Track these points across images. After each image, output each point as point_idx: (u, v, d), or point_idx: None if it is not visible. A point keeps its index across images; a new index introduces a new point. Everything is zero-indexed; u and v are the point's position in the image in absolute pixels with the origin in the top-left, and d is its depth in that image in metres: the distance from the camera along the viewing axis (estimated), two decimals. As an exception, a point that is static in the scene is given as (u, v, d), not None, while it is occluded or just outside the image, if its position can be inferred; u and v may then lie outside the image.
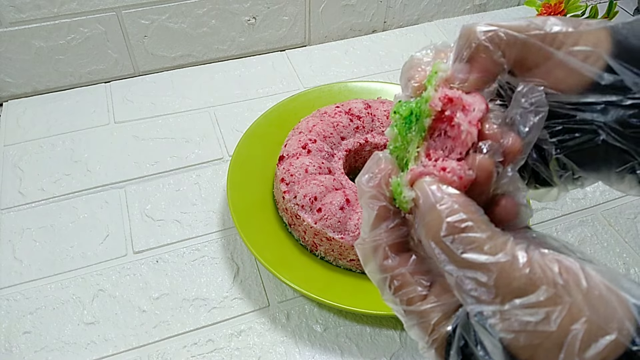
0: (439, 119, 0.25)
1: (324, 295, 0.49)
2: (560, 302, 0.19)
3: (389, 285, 0.24)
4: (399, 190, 0.24)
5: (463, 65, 0.25)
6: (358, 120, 0.61)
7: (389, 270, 0.24)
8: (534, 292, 0.19)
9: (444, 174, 0.23)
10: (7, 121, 0.72)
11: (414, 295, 0.24)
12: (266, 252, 0.52)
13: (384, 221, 0.25)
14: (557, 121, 0.25)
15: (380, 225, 0.25)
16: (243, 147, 0.62)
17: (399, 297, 0.24)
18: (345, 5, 0.86)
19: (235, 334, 0.51)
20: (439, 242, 0.21)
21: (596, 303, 0.19)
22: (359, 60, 0.84)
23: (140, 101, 0.75)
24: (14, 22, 0.69)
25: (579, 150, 0.26)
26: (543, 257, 0.20)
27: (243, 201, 0.57)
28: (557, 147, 0.26)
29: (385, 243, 0.24)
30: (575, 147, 0.26)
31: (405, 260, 0.24)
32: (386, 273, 0.24)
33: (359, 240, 0.26)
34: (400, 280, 0.24)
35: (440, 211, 0.22)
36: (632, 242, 0.60)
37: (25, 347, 0.49)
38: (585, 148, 0.25)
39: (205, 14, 0.78)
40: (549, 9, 0.75)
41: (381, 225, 0.25)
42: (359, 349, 0.50)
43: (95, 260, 0.56)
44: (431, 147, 0.25)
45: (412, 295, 0.24)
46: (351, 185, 0.56)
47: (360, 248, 0.25)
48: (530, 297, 0.19)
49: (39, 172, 0.65)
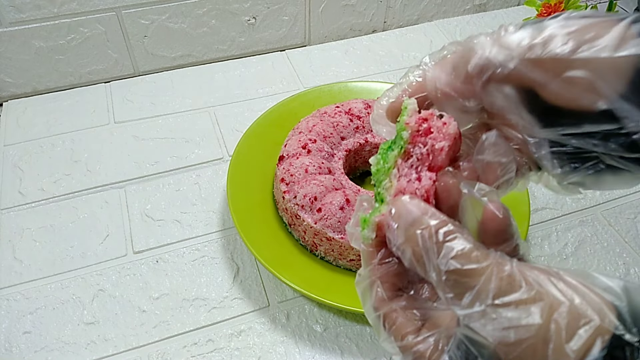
0: (415, 137, 0.26)
1: (324, 295, 0.49)
2: (541, 298, 0.20)
3: (383, 324, 0.25)
4: (364, 226, 0.25)
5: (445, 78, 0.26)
6: (358, 120, 0.61)
7: (382, 308, 0.25)
8: (516, 291, 0.20)
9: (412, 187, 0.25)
10: (7, 121, 0.72)
11: (407, 331, 0.24)
12: (266, 252, 0.52)
13: (372, 258, 0.26)
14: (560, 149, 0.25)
15: (371, 261, 0.26)
16: (243, 147, 0.62)
17: (392, 334, 0.25)
18: (345, 5, 0.86)
19: (235, 334, 0.51)
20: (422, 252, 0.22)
21: (575, 296, 0.20)
22: (359, 60, 0.84)
23: (140, 101, 0.75)
24: (14, 22, 0.69)
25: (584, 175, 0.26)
26: (521, 264, 0.21)
27: (243, 201, 0.57)
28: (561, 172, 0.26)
29: (377, 278, 0.25)
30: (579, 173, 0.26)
31: (398, 297, 0.25)
32: (379, 311, 0.25)
33: (357, 278, 0.27)
34: (393, 317, 0.25)
35: (422, 223, 0.22)
36: (632, 242, 0.60)
37: (25, 347, 0.49)
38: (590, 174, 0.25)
39: (205, 14, 0.78)
40: (549, 9, 0.75)
41: (371, 261, 0.26)
42: (359, 349, 0.50)
43: (95, 260, 0.56)
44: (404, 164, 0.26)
45: (406, 331, 0.24)
46: (351, 185, 0.56)
47: (359, 287, 0.27)
48: (513, 295, 0.20)
49: (39, 172, 0.65)
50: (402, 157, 0.26)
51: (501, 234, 0.23)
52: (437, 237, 0.22)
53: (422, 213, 0.23)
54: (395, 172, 0.26)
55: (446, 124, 0.25)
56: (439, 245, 0.22)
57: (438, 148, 0.25)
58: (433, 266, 0.22)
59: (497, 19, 0.93)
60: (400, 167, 0.26)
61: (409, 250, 0.23)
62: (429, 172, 0.26)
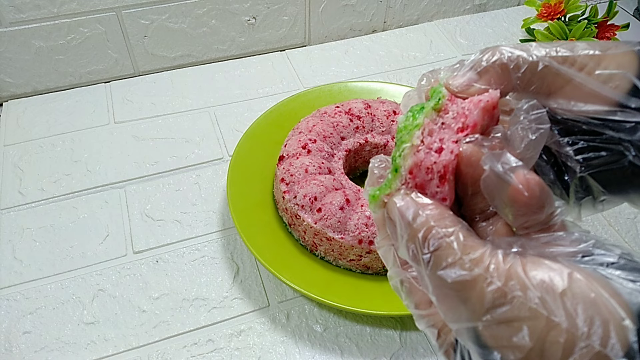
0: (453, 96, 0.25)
1: (324, 295, 0.49)
2: (535, 316, 0.18)
3: (402, 289, 0.25)
4: (372, 201, 0.24)
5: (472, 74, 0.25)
6: (358, 120, 0.61)
7: (400, 274, 0.25)
8: (506, 305, 0.18)
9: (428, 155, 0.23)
10: (7, 121, 0.72)
11: (421, 301, 0.24)
12: (266, 252, 0.52)
13: (384, 227, 0.25)
14: (583, 137, 0.24)
15: (383, 230, 0.25)
16: (243, 147, 0.62)
17: (408, 301, 0.24)
18: (345, 5, 0.86)
19: (235, 334, 0.51)
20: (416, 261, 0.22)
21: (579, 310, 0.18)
22: (359, 60, 0.84)
23: (140, 101, 0.75)
24: (14, 22, 0.69)
25: (605, 170, 0.25)
26: (523, 267, 0.19)
27: (243, 201, 0.57)
28: (582, 164, 0.25)
29: (391, 245, 0.25)
30: (600, 167, 0.25)
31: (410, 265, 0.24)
32: (399, 276, 0.25)
33: (376, 241, 0.26)
34: (409, 284, 0.24)
35: (415, 230, 0.21)
36: (632, 242, 0.60)
37: (25, 347, 0.49)
38: (612, 169, 0.24)
39: (205, 14, 0.78)
40: (548, 9, 0.75)
41: (383, 230, 0.25)
42: (359, 349, 0.50)
43: (95, 260, 0.56)
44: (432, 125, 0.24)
45: (419, 301, 0.24)
46: (351, 185, 0.56)
47: (380, 251, 0.26)
48: (503, 309, 0.18)
49: (39, 172, 0.65)
50: (432, 117, 0.24)
51: (531, 207, 0.21)
52: (427, 246, 0.21)
53: (411, 219, 0.22)
54: (418, 134, 0.24)
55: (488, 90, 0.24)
56: (427, 256, 0.21)
57: (475, 102, 0.23)
58: (425, 276, 0.21)
59: (497, 19, 0.93)
60: (426, 128, 0.24)
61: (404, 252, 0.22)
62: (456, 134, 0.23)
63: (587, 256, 0.20)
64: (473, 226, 0.24)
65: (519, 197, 0.21)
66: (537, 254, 0.20)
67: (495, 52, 0.24)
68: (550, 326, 0.18)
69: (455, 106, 0.24)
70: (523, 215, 0.21)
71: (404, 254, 0.22)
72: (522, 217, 0.21)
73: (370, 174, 0.25)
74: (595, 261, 0.20)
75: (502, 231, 0.23)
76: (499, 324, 0.19)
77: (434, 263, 0.20)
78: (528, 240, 0.21)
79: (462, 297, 0.20)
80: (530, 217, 0.21)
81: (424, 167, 0.23)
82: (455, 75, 0.25)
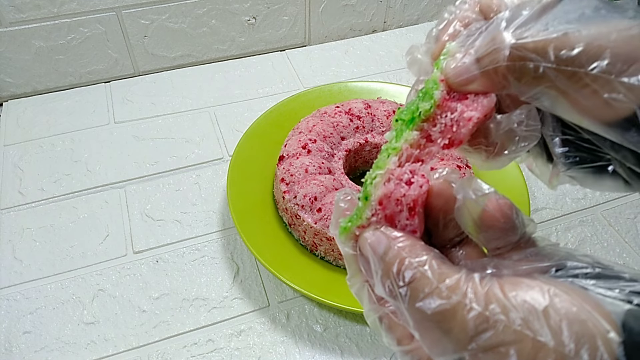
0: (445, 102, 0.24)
1: (324, 295, 0.49)
2: (520, 338, 0.17)
3: (381, 326, 0.24)
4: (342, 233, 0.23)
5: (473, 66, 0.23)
6: (358, 120, 0.61)
7: (378, 311, 0.24)
8: (490, 330, 0.18)
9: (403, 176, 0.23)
10: (7, 121, 0.72)
11: (403, 336, 0.23)
12: (266, 252, 0.52)
13: (355, 261, 0.24)
14: (570, 133, 0.24)
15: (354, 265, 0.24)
16: (243, 147, 0.62)
17: (389, 338, 0.23)
18: (345, 5, 0.86)
19: (235, 334, 0.51)
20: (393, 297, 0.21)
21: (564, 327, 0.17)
22: (359, 60, 0.84)
23: (140, 101, 0.75)
24: (14, 22, 0.69)
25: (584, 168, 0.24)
26: (501, 288, 0.19)
27: (243, 201, 0.57)
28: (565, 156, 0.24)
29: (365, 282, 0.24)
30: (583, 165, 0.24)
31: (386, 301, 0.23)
32: (376, 313, 0.24)
33: (347, 278, 0.25)
34: (388, 320, 0.23)
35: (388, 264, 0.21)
36: (632, 242, 0.60)
37: (25, 347, 0.49)
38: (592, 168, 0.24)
39: (205, 14, 0.78)
40: (549, 9, 0.75)
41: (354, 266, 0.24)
42: (359, 349, 0.50)
43: (95, 260, 0.56)
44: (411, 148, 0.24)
45: (401, 336, 0.23)
46: (351, 185, 0.56)
47: (352, 289, 0.25)
48: (487, 334, 0.18)
49: (39, 172, 0.65)
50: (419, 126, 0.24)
51: (505, 231, 0.21)
52: (402, 278, 0.20)
53: (383, 253, 0.21)
54: (395, 160, 0.23)
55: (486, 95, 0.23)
56: (404, 289, 0.20)
57: (465, 117, 0.23)
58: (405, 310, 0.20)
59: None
60: (404, 154, 0.24)
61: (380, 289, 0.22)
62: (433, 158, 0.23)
63: (561, 269, 0.20)
64: (444, 253, 0.23)
65: (494, 223, 0.21)
66: (512, 273, 0.20)
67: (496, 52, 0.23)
68: (537, 347, 0.17)
69: (445, 117, 0.24)
70: (498, 239, 0.21)
71: (380, 290, 0.22)
72: (496, 241, 0.21)
73: (336, 208, 0.25)
74: (569, 273, 0.19)
75: (473, 254, 0.23)
76: (485, 351, 0.18)
77: (411, 295, 0.20)
78: (501, 260, 0.21)
79: (444, 329, 0.19)
80: (504, 240, 0.21)
81: (393, 199, 0.22)
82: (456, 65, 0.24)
